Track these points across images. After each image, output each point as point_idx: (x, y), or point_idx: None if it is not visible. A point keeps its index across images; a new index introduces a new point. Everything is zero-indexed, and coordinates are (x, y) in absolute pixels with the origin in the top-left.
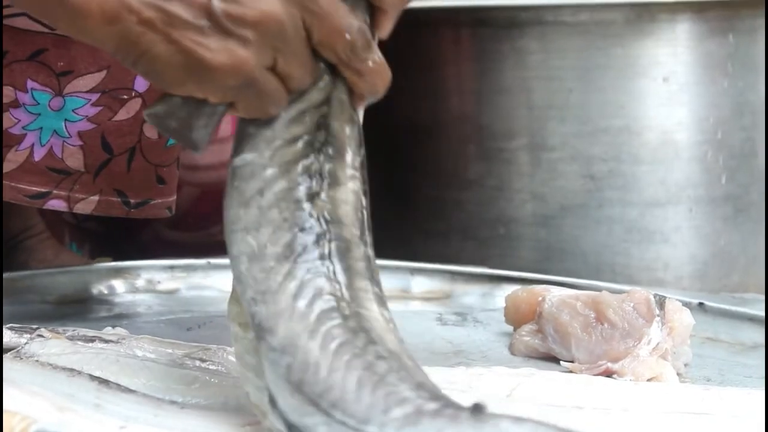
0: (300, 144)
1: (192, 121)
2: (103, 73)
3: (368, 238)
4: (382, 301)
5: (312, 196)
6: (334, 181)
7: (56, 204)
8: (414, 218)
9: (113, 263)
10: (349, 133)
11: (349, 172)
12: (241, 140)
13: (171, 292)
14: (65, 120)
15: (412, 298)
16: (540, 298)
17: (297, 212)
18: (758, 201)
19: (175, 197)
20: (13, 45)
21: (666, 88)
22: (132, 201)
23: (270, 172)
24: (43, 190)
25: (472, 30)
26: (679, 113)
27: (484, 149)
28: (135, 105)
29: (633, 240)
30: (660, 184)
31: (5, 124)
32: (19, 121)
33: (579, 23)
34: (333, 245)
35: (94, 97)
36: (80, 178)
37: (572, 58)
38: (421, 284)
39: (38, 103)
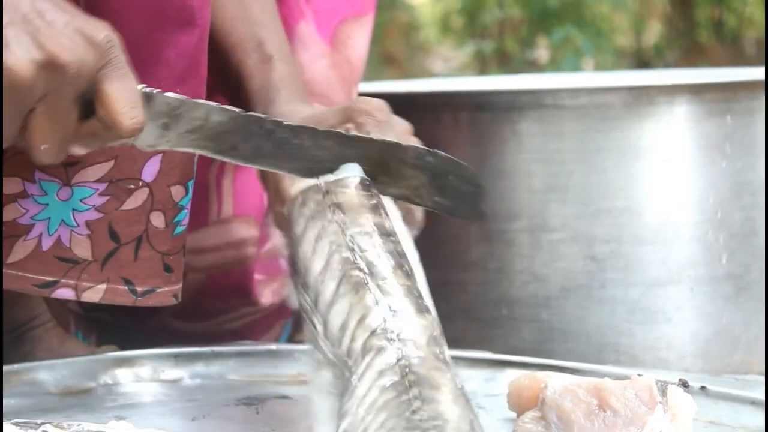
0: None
1: None
2: (111, 164)
3: None
4: None
5: None
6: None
7: (64, 293)
8: None
9: (117, 353)
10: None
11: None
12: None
13: (174, 381)
14: (73, 209)
15: None
16: (543, 385)
17: None
18: (759, 280)
19: (181, 285)
20: None
21: (665, 170)
22: (139, 289)
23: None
24: (50, 279)
25: (472, 114)
26: (678, 194)
27: (486, 231)
28: (142, 195)
29: (635, 320)
30: (661, 265)
31: (13, 215)
32: (27, 211)
33: (578, 106)
34: None
35: (102, 186)
36: (88, 266)
37: (572, 141)
38: None
39: (46, 193)
